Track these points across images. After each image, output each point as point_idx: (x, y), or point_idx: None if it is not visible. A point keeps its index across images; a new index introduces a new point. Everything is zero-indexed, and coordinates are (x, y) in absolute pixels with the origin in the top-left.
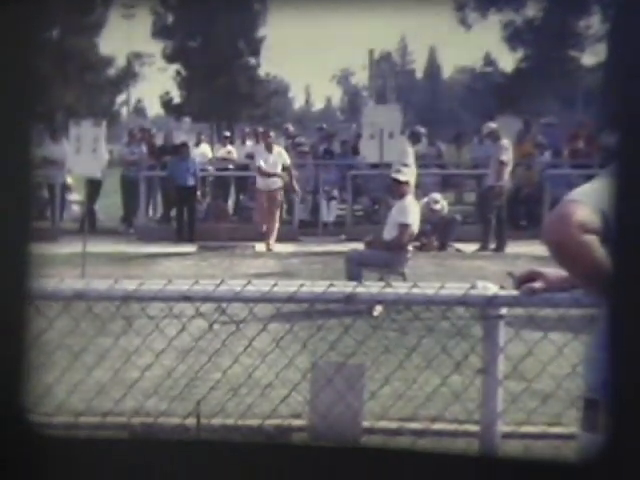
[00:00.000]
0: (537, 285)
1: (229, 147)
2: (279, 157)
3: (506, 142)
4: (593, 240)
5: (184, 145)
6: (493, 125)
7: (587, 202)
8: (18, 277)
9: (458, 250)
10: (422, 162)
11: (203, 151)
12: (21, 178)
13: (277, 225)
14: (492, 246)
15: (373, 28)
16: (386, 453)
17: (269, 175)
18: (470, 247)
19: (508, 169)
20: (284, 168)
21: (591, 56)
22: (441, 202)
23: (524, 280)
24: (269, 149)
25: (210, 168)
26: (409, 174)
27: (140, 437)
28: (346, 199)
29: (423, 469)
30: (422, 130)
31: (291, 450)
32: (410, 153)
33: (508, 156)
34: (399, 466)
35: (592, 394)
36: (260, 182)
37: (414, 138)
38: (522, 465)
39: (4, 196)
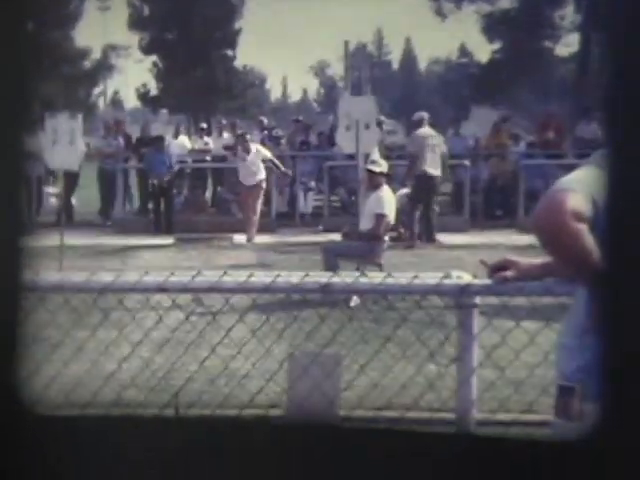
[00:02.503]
0: (509, 273)
1: (206, 139)
2: (258, 154)
3: (418, 132)
4: (585, 228)
5: (159, 138)
6: (423, 114)
7: (578, 190)
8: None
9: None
10: (399, 153)
11: (181, 143)
12: (6, 171)
13: (257, 217)
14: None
15: (349, 19)
16: (365, 433)
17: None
18: (448, 238)
19: (421, 159)
20: (264, 161)
21: (565, 47)
22: None
23: (497, 269)
24: (247, 151)
25: (188, 160)
26: (384, 165)
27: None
28: (323, 190)
29: (403, 447)
30: (383, 118)
31: (270, 431)
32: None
33: (414, 147)
34: (379, 445)
35: (566, 381)
36: (242, 177)
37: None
38: (500, 445)
39: None
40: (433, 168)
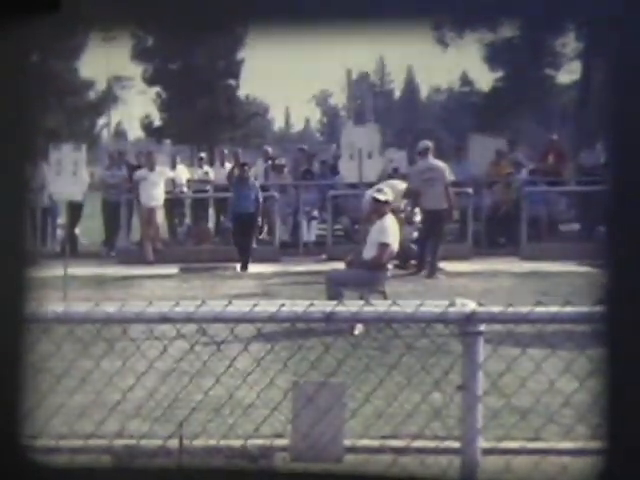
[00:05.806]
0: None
1: (205, 168)
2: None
3: (415, 168)
4: None
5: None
6: (427, 143)
7: None
8: (3, 301)
9: (439, 268)
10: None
11: (179, 174)
12: (11, 203)
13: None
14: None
15: (351, 49)
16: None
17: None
18: (452, 265)
19: (421, 196)
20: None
21: (567, 74)
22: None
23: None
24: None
25: (185, 190)
26: (389, 194)
27: (122, 460)
28: (326, 219)
29: None
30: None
31: (274, 473)
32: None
33: (413, 183)
34: None
35: None
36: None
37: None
38: None
39: None
40: (433, 203)
